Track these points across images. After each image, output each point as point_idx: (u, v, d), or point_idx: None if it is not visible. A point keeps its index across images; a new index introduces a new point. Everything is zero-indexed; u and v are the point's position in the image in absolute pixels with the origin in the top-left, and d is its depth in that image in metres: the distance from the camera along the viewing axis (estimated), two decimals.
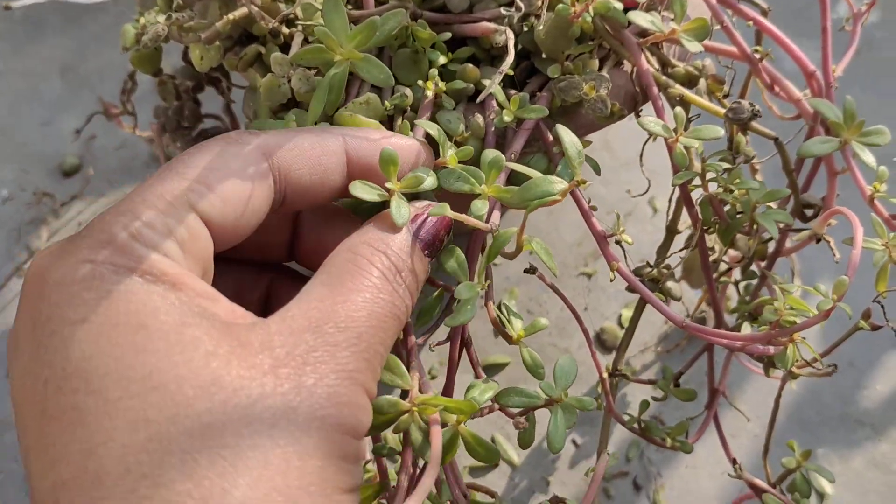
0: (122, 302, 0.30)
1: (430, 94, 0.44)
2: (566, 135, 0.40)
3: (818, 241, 0.46)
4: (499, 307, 0.42)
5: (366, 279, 0.34)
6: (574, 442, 0.68)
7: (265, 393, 0.29)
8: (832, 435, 0.69)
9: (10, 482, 0.65)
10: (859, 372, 0.72)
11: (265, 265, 0.43)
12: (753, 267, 0.55)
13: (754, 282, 0.55)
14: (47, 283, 0.30)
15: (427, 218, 0.38)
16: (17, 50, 0.85)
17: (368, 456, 0.49)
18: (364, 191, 0.36)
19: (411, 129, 0.42)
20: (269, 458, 0.28)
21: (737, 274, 0.58)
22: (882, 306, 0.43)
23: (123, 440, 0.27)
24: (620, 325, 0.73)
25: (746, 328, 0.51)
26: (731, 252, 0.58)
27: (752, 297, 0.56)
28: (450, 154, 0.40)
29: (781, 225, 0.48)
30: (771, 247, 0.54)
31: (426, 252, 0.37)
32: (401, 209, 0.36)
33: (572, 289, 0.75)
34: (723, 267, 0.55)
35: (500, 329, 0.42)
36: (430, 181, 0.38)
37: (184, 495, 0.27)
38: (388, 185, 0.37)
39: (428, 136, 0.42)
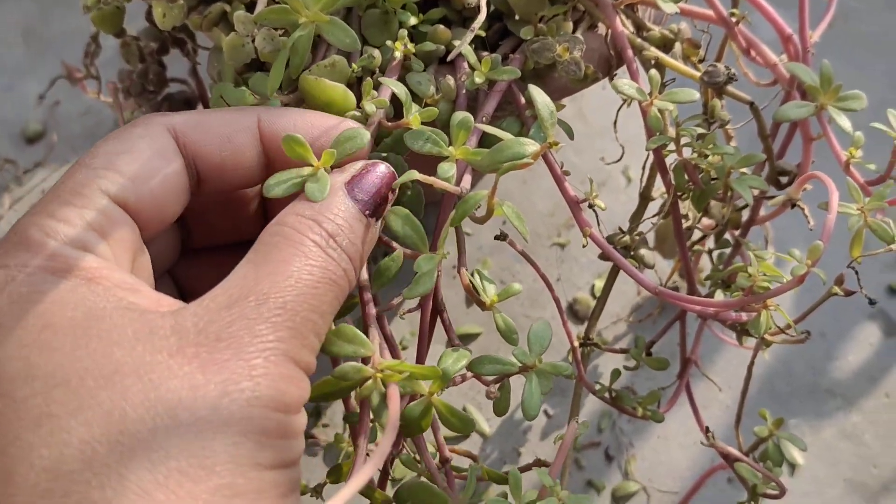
0: (30, 303, 0.30)
1: (398, 54, 0.43)
2: (539, 95, 0.39)
3: (793, 206, 0.46)
4: (472, 274, 0.41)
5: (294, 248, 0.33)
6: (546, 412, 0.68)
7: (170, 375, 0.29)
8: (803, 406, 0.69)
9: None
10: (830, 343, 0.72)
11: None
12: (727, 236, 0.55)
13: (728, 250, 0.55)
14: None
15: (365, 176, 0.36)
16: None
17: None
18: (280, 186, 0.35)
19: (375, 89, 0.41)
20: (173, 442, 0.28)
21: (710, 243, 0.58)
22: (856, 272, 0.43)
23: (28, 438, 0.27)
24: (593, 295, 0.72)
25: (719, 296, 0.50)
26: (705, 221, 0.58)
27: (726, 265, 0.55)
28: (413, 114, 0.39)
29: (756, 191, 0.47)
30: (745, 215, 0.54)
31: (367, 212, 0.36)
32: (319, 183, 0.35)
33: (545, 259, 0.75)
34: (697, 235, 0.55)
35: (473, 296, 0.41)
36: (358, 141, 0.37)
37: (82, 484, 0.27)
38: (307, 166, 0.36)
39: (393, 98, 0.41)
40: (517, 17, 0.47)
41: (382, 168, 0.37)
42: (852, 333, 0.72)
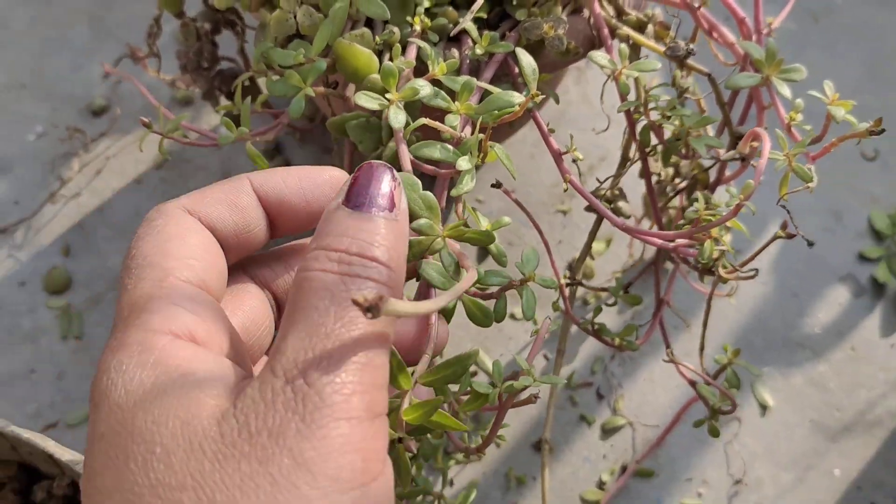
0: (134, 416, 0.29)
1: (417, 27, 0.52)
2: (523, 56, 0.48)
3: (743, 161, 0.54)
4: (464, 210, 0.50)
5: (320, 302, 0.31)
6: (545, 356, 0.76)
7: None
8: (776, 356, 0.77)
9: None
10: (803, 302, 0.80)
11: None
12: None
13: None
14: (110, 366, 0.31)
15: (356, 183, 0.34)
16: (48, 1, 0.93)
17: None
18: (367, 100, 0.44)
19: (403, 52, 0.50)
20: None
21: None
22: (789, 213, 0.51)
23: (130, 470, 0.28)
24: (591, 256, 0.81)
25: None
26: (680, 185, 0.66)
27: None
28: (438, 66, 0.48)
29: (716, 149, 0.56)
30: (713, 175, 0.62)
31: (379, 211, 0.34)
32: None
33: (548, 224, 0.83)
34: (671, 194, 0.63)
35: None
36: (426, 91, 0.45)
37: None
38: (384, 97, 0.44)
39: (418, 56, 0.50)
40: (514, 2, 0.55)
41: (368, 165, 0.35)
42: (823, 294, 0.80)
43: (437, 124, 0.46)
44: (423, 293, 0.47)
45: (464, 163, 0.45)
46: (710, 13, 0.57)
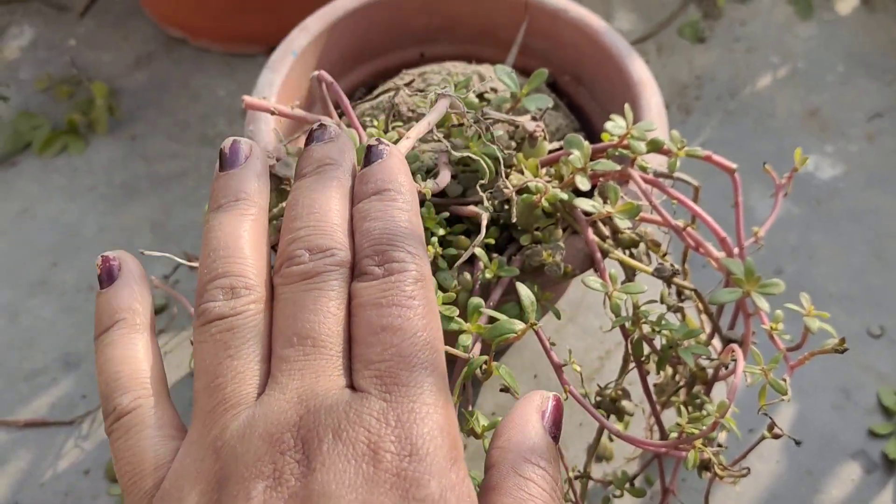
0: None
1: (430, 254, 0.60)
2: (522, 289, 0.55)
3: (726, 368, 0.60)
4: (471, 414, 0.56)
5: None
6: None
7: None
8: None
9: None
10: (816, 479, 0.83)
11: None
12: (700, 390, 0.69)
13: (698, 401, 0.69)
14: None
15: (551, 407, 0.43)
16: (115, 209, 1.04)
17: None
18: None
19: None
20: None
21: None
22: (770, 418, 0.56)
23: None
24: (610, 438, 0.86)
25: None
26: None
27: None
28: (437, 297, 0.55)
29: (702, 357, 0.62)
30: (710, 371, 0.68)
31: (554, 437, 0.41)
32: None
33: (570, 407, 0.88)
34: (671, 390, 0.69)
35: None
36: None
37: None
38: None
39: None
40: (519, 228, 0.63)
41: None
42: (836, 471, 0.84)
43: (448, 349, 0.52)
44: None
45: None
46: (697, 233, 0.64)
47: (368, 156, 0.43)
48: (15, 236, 1.01)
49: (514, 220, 0.61)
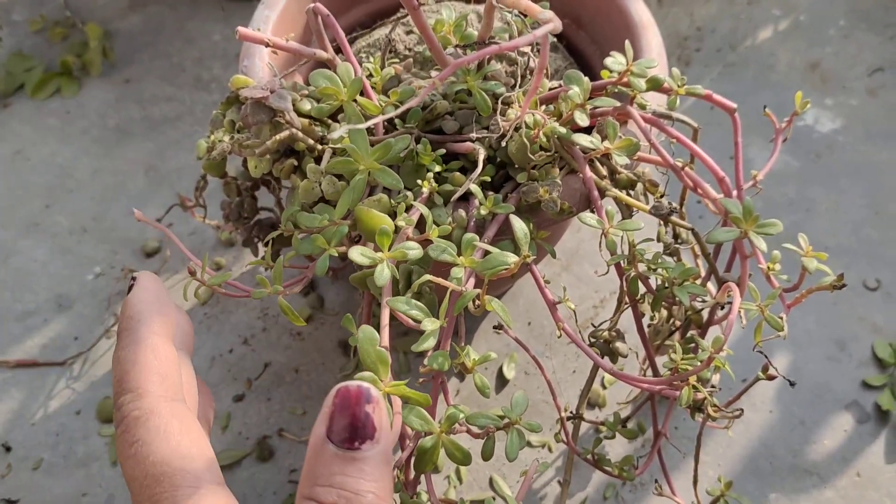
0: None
1: (425, 190, 0.59)
2: (516, 221, 0.54)
3: (722, 308, 0.59)
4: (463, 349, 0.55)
5: None
6: (559, 482, 0.81)
7: None
8: (782, 483, 0.81)
9: None
10: (808, 429, 0.83)
11: None
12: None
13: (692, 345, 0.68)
14: None
15: (336, 412, 0.38)
16: (109, 152, 1.03)
17: None
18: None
19: (407, 212, 0.57)
20: None
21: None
22: (766, 356, 0.56)
23: None
24: (603, 385, 0.86)
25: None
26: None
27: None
28: (432, 229, 0.54)
29: (698, 299, 0.61)
30: (706, 314, 0.67)
31: (357, 442, 0.37)
32: None
33: (564, 354, 0.89)
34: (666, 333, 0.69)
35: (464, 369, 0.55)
36: (415, 252, 0.52)
37: None
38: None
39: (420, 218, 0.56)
40: (516, 166, 0.62)
41: (344, 392, 0.38)
42: (829, 421, 0.84)
43: (440, 280, 0.52)
44: None
45: (428, 324, 0.50)
46: (695, 172, 0.63)
47: None
48: (7, 178, 1.01)
49: (511, 152, 0.60)
